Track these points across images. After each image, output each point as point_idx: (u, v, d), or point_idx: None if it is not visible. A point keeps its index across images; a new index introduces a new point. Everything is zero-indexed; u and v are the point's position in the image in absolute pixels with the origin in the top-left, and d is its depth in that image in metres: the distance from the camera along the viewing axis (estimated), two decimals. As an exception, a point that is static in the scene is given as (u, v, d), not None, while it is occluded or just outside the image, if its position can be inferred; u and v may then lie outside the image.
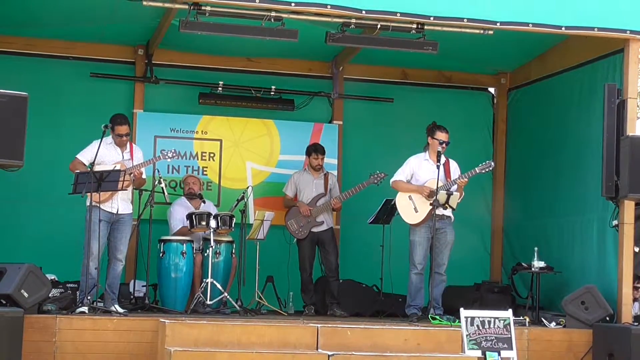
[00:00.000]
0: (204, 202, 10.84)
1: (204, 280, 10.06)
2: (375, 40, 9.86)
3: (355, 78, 12.12)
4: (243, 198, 10.62)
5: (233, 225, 10.42)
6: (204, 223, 10.27)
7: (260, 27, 9.40)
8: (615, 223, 9.67)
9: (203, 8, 9.21)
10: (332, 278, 10.83)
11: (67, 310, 9.01)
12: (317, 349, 8.36)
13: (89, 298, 9.14)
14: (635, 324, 9.32)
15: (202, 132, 11.64)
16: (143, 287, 10.30)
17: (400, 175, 10.11)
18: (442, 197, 9.79)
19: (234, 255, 10.62)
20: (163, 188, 10.07)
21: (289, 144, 11.80)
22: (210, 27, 9.37)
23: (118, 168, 9.42)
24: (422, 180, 10.02)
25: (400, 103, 12.12)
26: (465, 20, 9.46)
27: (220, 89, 11.59)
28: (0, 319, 8.08)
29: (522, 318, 9.64)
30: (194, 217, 10.36)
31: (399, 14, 9.34)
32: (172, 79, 11.56)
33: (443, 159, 9.93)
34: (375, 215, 10.98)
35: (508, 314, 8.99)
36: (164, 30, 10.56)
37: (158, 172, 10.28)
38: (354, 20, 9.44)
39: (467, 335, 8.79)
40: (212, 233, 10.20)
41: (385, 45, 9.88)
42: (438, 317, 9.62)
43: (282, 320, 9.35)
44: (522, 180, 11.91)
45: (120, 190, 9.37)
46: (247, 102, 11.69)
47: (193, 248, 10.39)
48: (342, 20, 9.48)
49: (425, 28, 9.64)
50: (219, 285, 10.08)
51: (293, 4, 9.08)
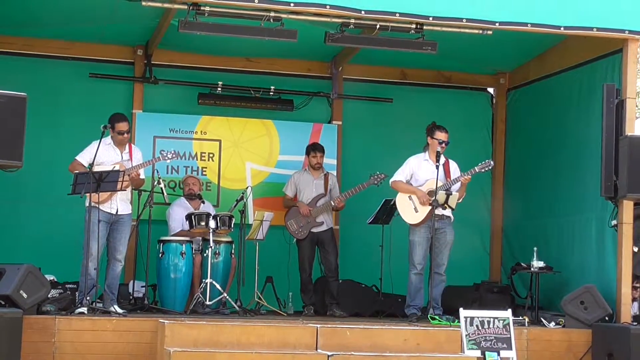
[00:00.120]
0: (203, 202, 10.85)
1: (203, 281, 10.06)
2: (375, 41, 9.85)
3: (355, 78, 12.12)
4: (242, 198, 10.61)
5: (232, 226, 10.42)
6: (203, 223, 10.27)
7: (260, 27, 9.40)
8: (614, 223, 9.67)
9: (202, 8, 9.21)
10: (331, 278, 10.82)
11: (66, 311, 9.00)
12: (316, 349, 8.35)
13: (88, 299, 9.13)
14: (635, 324, 9.32)
15: (201, 132, 11.64)
16: (142, 287, 10.30)
17: (400, 176, 10.10)
18: (441, 197, 9.79)
19: (234, 256, 10.62)
20: (162, 188, 10.07)
21: (289, 144, 11.80)
22: (210, 27, 9.37)
23: (117, 169, 9.42)
24: (421, 181, 10.02)
25: (400, 103, 12.11)
26: (464, 21, 9.45)
27: (220, 89, 11.59)
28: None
29: (521, 318, 9.64)
30: (193, 217, 10.36)
31: (398, 14, 9.34)
32: (171, 79, 11.55)
33: (442, 159, 9.93)
34: (375, 216, 10.98)
35: (507, 314, 8.98)
36: (163, 31, 10.56)
37: (157, 172, 10.28)
38: (353, 21, 9.43)
39: (466, 335, 8.78)
40: (211, 233, 10.20)
41: (385, 46, 9.87)
42: (437, 317, 9.61)
43: (281, 321, 9.35)
44: (521, 180, 11.90)
45: (120, 191, 9.37)
46: (246, 102, 11.69)
47: (192, 248, 10.40)
48: (341, 21, 9.47)
49: (425, 28, 9.63)
50: (218, 286, 10.08)
51: (292, 4, 9.08)
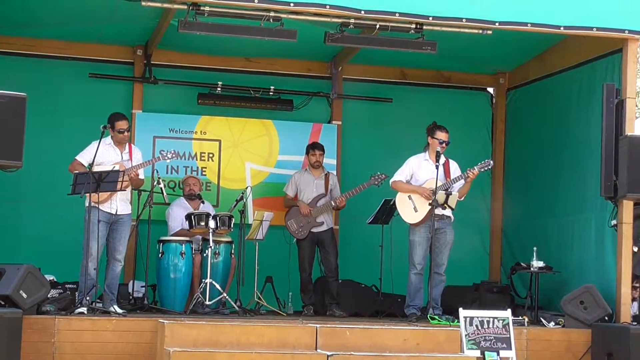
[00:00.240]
0: (203, 202, 10.85)
1: (203, 281, 10.06)
2: (374, 41, 9.85)
3: (354, 78, 12.12)
4: (242, 198, 10.61)
5: (232, 226, 10.42)
6: (203, 223, 10.27)
7: (259, 27, 9.39)
8: (614, 223, 9.67)
9: (202, 8, 9.20)
10: (331, 278, 10.82)
11: (66, 311, 8.99)
12: (316, 349, 8.35)
13: (88, 299, 9.13)
14: (634, 324, 9.32)
15: (201, 132, 11.64)
16: (142, 287, 10.30)
17: (400, 176, 10.10)
18: (440, 197, 9.80)
19: (233, 256, 10.62)
20: (162, 188, 10.07)
21: (288, 144, 11.80)
22: (209, 27, 9.37)
23: (117, 169, 9.42)
24: (421, 181, 10.02)
25: (399, 103, 12.11)
26: (464, 20, 9.45)
27: (219, 89, 11.58)
28: (-1, 320, 8.10)
29: (521, 318, 9.64)
30: (193, 217, 10.36)
31: (398, 14, 9.33)
32: (171, 80, 11.55)
33: (443, 159, 9.93)
34: (374, 215, 10.97)
35: (507, 314, 8.97)
36: (163, 31, 10.55)
37: (157, 172, 10.28)
38: (353, 21, 9.43)
39: (466, 335, 8.78)
40: (211, 233, 10.20)
41: (384, 46, 9.87)
42: (437, 317, 9.61)
43: (281, 321, 9.35)
44: (521, 180, 11.90)
45: (119, 191, 9.37)
46: (246, 102, 11.69)
47: (192, 248, 10.40)
48: (341, 21, 9.47)
49: (424, 28, 9.63)
50: (218, 286, 10.07)
51: (292, 4, 9.07)
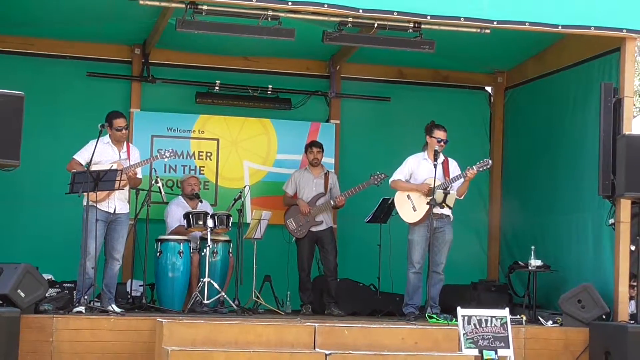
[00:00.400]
0: (201, 201, 10.85)
1: (201, 280, 10.05)
2: (372, 39, 9.85)
3: (352, 77, 12.12)
4: (240, 197, 10.61)
5: (230, 225, 10.42)
6: (201, 222, 10.27)
7: (257, 26, 9.39)
8: (612, 222, 9.67)
9: (200, 7, 9.20)
10: (330, 278, 10.81)
11: (64, 310, 8.97)
12: (314, 348, 8.35)
13: (86, 298, 9.13)
14: (632, 322, 9.32)
15: (199, 131, 11.63)
16: (140, 286, 10.29)
17: (399, 175, 10.11)
18: (439, 195, 9.80)
19: (231, 255, 10.62)
20: (160, 187, 10.06)
21: (286, 143, 11.79)
22: (207, 26, 9.37)
23: (115, 167, 9.41)
24: (420, 180, 10.03)
25: (397, 102, 12.11)
26: (462, 19, 9.45)
27: (217, 88, 11.58)
28: (-3, 319, 8.09)
29: (519, 317, 9.64)
30: (191, 216, 10.35)
31: (396, 13, 9.33)
32: (169, 78, 11.55)
33: (442, 158, 9.94)
34: (373, 214, 10.97)
35: (505, 313, 8.99)
36: (161, 30, 10.55)
37: (155, 171, 10.28)
38: (351, 19, 9.43)
39: (464, 334, 8.79)
40: (209, 232, 10.20)
41: (382, 44, 9.86)
42: (435, 316, 9.62)
43: (279, 320, 9.34)
44: (519, 179, 11.90)
45: (117, 190, 9.36)
46: (244, 101, 11.68)
47: (190, 247, 10.39)
48: (339, 19, 9.47)
49: (422, 27, 9.63)
50: (216, 285, 10.07)
51: (290, 3, 9.07)
